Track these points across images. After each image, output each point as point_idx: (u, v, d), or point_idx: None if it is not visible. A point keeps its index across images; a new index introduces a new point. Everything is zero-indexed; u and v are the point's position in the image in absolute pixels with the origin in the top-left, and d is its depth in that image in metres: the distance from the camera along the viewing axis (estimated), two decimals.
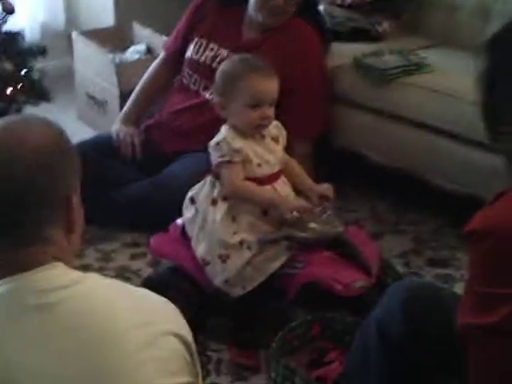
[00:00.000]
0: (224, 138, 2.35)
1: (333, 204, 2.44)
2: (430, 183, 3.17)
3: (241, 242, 2.34)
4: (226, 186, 2.36)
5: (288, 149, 2.58)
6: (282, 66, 3.05)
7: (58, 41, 4.42)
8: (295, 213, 2.36)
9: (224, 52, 3.16)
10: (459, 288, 2.71)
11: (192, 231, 2.44)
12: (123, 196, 3.12)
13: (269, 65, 2.41)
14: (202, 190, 2.44)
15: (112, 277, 2.82)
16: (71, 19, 4.82)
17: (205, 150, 3.10)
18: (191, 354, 1.34)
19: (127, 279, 2.82)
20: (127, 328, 1.25)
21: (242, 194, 2.37)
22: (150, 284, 2.49)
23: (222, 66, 2.48)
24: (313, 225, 2.33)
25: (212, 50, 3.19)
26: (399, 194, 3.43)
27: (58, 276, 1.26)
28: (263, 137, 2.42)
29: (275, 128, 2.47)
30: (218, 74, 2.45)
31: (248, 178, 2.36)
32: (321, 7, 3.60)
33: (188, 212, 2.46)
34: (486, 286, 1.31)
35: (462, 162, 3.04)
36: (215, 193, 2.39)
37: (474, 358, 1.35)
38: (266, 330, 2.41)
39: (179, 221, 2.56)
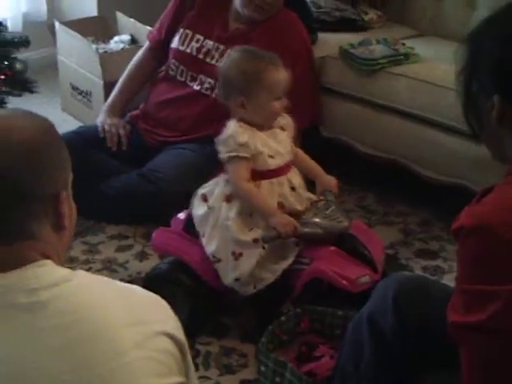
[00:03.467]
0: (230, 134, 2.34)
1: (337, 198, 2.42)
2: (418, 174, 3.16)
3: (255, 240, 2.32)
4: (230, 184, 2.35)
5: None
6: None
7: (40, 31, 4.37)
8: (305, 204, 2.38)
9: (210, 43, 3.14)
10: (448, 279, 2.73)
11: (204, 229, 2.41)
12: (110, 188, 3.09)
13: (275, 55, 2.40)
14: (215, 188, 2.41)
15: (98, 269, 2.81)
16: (54, 9, 4.78)
17: (191, 141, 3.12)
18: (183, 354, 1.32)
19: (114, 271, 2.81)
20: (119, 326, 1.24)
21: (243, 196, 2.34)
22: (153, 279, 2.50)
23: (236, 67, 2.38)
24: (317, 219, 2.31)
25: (198, 41, 3.16)
26: (387, 185, 3.42)
27: (47, 274, 1.24)
28: (271, 127, 2.41)
29: (283, 118, 2.45)
30: (233, 75, 2.38)
31: (262, 171, 2.34)
32: None
33: (199, 210, 2.43)
34: (474, 283, 1.30)
35: (449, 153, 3.03)
36: (229, 190, 2.37)
37: (464, 355, 1.34)
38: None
39: (181, 215, 2.53)
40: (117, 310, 1.25)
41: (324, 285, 2.33)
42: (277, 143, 2.39)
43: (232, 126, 2.36)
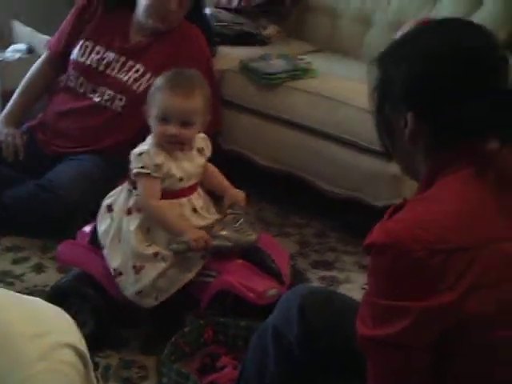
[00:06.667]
0: (147, 150, 2.34)
1: (246, 212, 2.45)
2: (315, 186, 3.22)
3: (155, 254, 2.33)
4: (140, 201, 2.35)
5: None
6: (171, 68, 3.04)
7: None
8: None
9: (111, 55, 3.13)
10: (344, 289, 2.79)
11: (106, 241, 2.40)
12: (7, 198, 3.03)
13: (195, 85, 2.41)
14: (118, 197, 2.41)
15: None
16: None
17: (89, 152, 3.09)
18: (85, 366, 1.31)
19: (10, 284, 2.75)
20: (21, 338, 1.21)
21: (154, 214, 2.35)
22: (57, 292, 2.46)
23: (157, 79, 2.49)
24: (225, 232, 2.33)
25: (98, 52, 3.15)
26: (284, 197, 3.47)
27: None
28: (191, 148, 2.42)
29: (202, 140, 2.47)
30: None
31: (166, 192, 2.35)
32: (207, 10, 3.61)
33: (103, 222, 2.41)
34: (385, 298, 1.32)
35: (344, 166, 3.10)
36: (131, 202, 2.36)
37: (371, 367, 1.37)
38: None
39: (86, 228, 2.51)
40: (19, 322, 1.22)
41: (230, 298, 2.35)
42: (192, 167, 2.41)
43: (150, 141, 2.37)
